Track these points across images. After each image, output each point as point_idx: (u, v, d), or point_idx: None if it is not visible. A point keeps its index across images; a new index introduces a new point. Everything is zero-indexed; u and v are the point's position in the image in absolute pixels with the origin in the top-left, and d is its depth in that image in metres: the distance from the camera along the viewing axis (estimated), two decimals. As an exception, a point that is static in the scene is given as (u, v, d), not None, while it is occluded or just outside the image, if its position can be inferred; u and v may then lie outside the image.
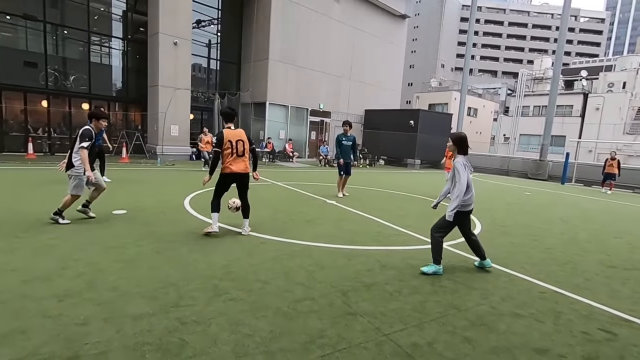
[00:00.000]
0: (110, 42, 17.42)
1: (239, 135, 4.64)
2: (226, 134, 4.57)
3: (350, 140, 8.33)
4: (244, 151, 4.64)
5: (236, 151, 4.57)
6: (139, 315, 2.59)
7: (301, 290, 3.20)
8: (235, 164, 4.59)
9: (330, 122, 21.76)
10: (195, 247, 4.16)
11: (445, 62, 66.41)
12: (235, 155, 4.58)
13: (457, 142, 3.94)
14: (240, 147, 4.60)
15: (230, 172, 4.60)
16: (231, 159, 4.57)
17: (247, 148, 4.68)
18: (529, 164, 19.43)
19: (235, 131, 4.66)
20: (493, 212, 7.80)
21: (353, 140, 8.38)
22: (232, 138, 4.58)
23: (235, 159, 4.59)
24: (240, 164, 4.62)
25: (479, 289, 3.53)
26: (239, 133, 4.66)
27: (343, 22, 21.08)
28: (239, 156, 4.61)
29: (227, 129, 4.64)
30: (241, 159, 4.62)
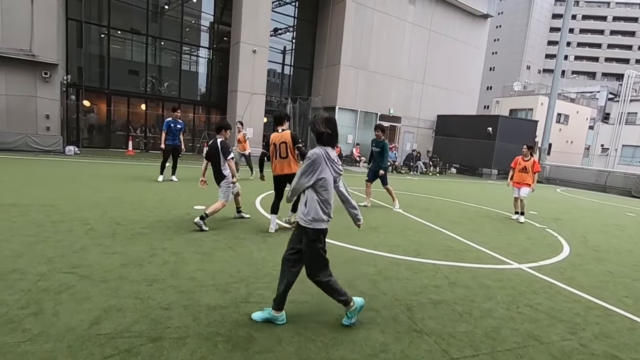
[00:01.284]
0: (198, 51, 19.21)
1: (283, 137, 4.85)
2: (272, 137, 4.93)
3: (379, 147, 7.33)
4: (287, 153, 4.85)
5: (279, 153, 4.85)
6: (213, 306, 2.79)
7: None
8: (278, 166, 4.90)
9: (400, 127, 21.25)
10: (263, 245, 4.36)
11: (532, 64, 60.59)
12: (278, 157, 4.87)
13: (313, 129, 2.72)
14: (283, 149, 4.83)
15: (275, 175, 4.96)
16: (276, 161, 4.91)
17: (290, 149, 4.86)
18: (633, 180, 16.76)
19: (280, 134, 4.89)
20: (585, 234, 6.88)
21: (382, 146, 7.32)
22: (276, 141, 4.86)
23: (279, 161, 4.88)
24: (283, 165, 4.88)
25: (565, 321, 3.13)
26: (283, 135, 4.87)
27: (418, 24, 20.48)
28: (282, 158, 4.86)
29: (275, 132, 4.98)
30: (285, 160, 4.87)
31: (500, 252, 5.05)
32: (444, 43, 21.61)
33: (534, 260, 4.79)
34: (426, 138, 22.32)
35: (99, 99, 16.41)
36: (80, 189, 6.85)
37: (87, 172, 9.09)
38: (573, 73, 64.39)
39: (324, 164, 2.55)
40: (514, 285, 3.83)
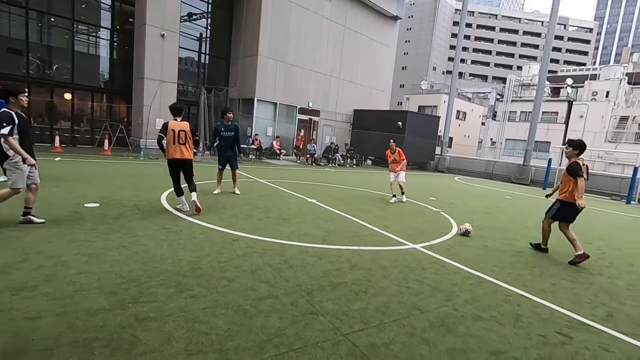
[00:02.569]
0: (98, 32, 17.06)
1: (183, 126, 5.46)
2: (171, 124, 5.39)
3: (231, 131, 7.28)
4: (186, 140, 5.46)
5: (178, 139, 5.39)
6: (94, 310, 2.54)
7: (266, 288, 3.18)
8: (178, 150, 5.42)
9: (319, 120, 21.73)
10: (164, 242, 4.10)
11: (437, 65, 66.95)
12: (177, 142, 5.39)
13: None
14: (183, 136, 5.42)
15: (171, 158, 5.45)
16: (174, 146, 5.39)
17: (189, 137, 5.49)
18: (512, 169, 19.74)
19: (180, 122, 5.47)
20: (472, 215, 7.90)
21: (235, 130, 7.32)
22: (175, 128, 5.39)
23: (178, 146, 5.41)
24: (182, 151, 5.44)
25: (444, 290, 3.56)
26: (183, 125, 5.47)
27: (334, 20, 21.06)
28: (181, 144, 5.43)
29: (174, 121, 5.44)
30: (183, 146, 5.44)
31: (400, 234, 5.52)
32: (358, 40, 22.62)
33: (427, 240, 5.34)
34: (344, 131, 23.22)
35: (-38, 80, 13.58)
36: None
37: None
38: (470, 75, 72.91)
39: None
40: (407, 264, 4.23)
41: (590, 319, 3.25)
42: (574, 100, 29.79)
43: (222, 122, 7.39)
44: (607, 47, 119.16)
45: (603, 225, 8.54)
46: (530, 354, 2.58)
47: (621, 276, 4.64)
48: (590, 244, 6.39)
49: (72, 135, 16.10)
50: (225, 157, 7.44)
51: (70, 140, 15.78)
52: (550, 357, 2.56)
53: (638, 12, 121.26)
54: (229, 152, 7.41)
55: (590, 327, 3.11)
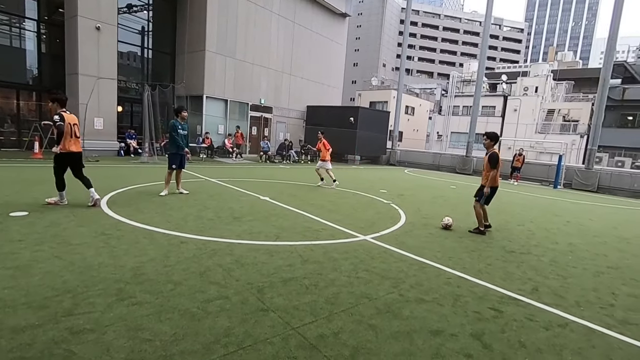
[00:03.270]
0: (23, 23, 15.40)
1: (75, 120, 5.49)
2: (67, 117, 5.31)
3: (186, 130, 7.32)
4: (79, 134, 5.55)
5: (74, 133, 5.41)
6: (21, 327, 2.34)
7: (215, 289, 3.12)
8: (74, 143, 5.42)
9: (271, 117, 21.53)
10: (104, 249, 3.86)
11: (387, 62, 69.14)
12: (74, 136, 5.41)
13: None
14: (77, 129, 5.48)
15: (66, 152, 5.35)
16: (71, 139, 5.36)
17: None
18: (456, 160, 21.03)
19: (72, 116, 5.48)
20: (420, 206, 8.31)
21: (188, 128, 7.55)
22: (70, 121, 5.36)
23: (75, 140, 5.44)
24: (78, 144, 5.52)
25: (392, 278, 3.74)
26: (74, 118, 5.50)
27: (283, 16, 20.91)
28: (77, 137, 5.50)
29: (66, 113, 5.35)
30: (78, 140, 5.52)
31: (351, 227, 5.67)
32: (309, 37, 22.68)
33: (377, 231, 5.55)
34: (298, 128, 23.23)
35: None
36: None
37: None
38: (418, 72, 76.21)
39: None
40: (357, 255, 4.37)
41: (519, 294, 3.59)
42: (509, 95, 32.30)
43: (177, 120, 7.21)
44: (536, 46, 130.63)
45: (533, 209, 9.40)
46: (466, 330, 2.80)
47: (546, 254, 5.16)
48: (523, 225, 7.03)
49: (-5, 137, 14.49)
50: (181, 157, 7.23)
51: (-8, 143, 14.19)
52: (484, 331, 2.80)
53: (561, 15, 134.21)
54: (182, 151, 7.24)
55: (519, 300, 3.44)
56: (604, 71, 15.67)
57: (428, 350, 2.47)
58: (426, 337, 2.64)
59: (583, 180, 16.15)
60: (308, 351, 2.35)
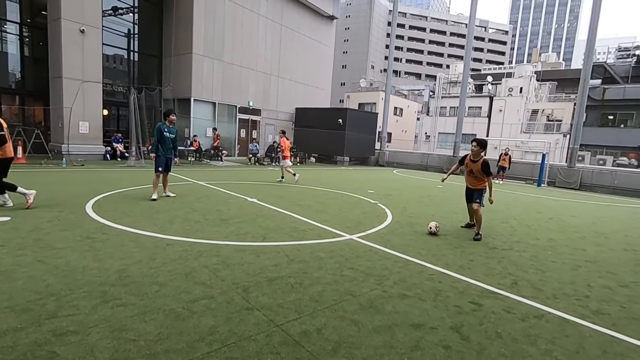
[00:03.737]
0: (3, 26, 15.14)
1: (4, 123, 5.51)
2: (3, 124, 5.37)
3: (173, 133, 7.33)
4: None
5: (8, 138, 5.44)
6: (3, 331, 2.34)
7: (200, 290, 3.15)
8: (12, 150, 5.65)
9: (260, 119, 21.52)
10: (89, 253, 3.85)
11: (375, 64, 69.67)
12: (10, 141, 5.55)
13: None
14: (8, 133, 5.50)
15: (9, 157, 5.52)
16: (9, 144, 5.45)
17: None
18: (444, 160, 21.33)
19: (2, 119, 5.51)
20: (406, 205, 8.44)
21: (176, 132, 7.50)
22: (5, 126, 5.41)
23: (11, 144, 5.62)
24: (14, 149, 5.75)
25: (376, 275, 3.81)
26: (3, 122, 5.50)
27: (271, 19, 20.96)
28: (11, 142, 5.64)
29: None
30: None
31: (338, 227, 5.75)
32: (296, 39, 22.77)
33: (363, 231, 5.63)
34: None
35: None
36: None
37: None
38: (406, 73, 77.00)
39: None
40: (343, 254, 4.44)
41: (498, 288, 3.70)
42: (494, 95, 32.91)
43: (164, 123, 7.27)
44: (521, 47, 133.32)
45: (517, 206, 9.63)
46: (446, 323, 2.88)
47: (527, 249, 5.31)
48: (507, 222, 7.20)
49: (-24, 142, 14.15)
50: (166, 160, 7.26)
51: (-27, 148, 13.86)
52: (462, 324, 2.89)
53: (544, 17, 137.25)
54: (169, 154, 7.30)
55: (498, 294, 3.55)
56: (584, 72, 16.13)
57: (408, 343, 2.55)
58: (407, 331, 2.72)
59: (566, 178, 16.56)
60: (291, 347, 2.40)
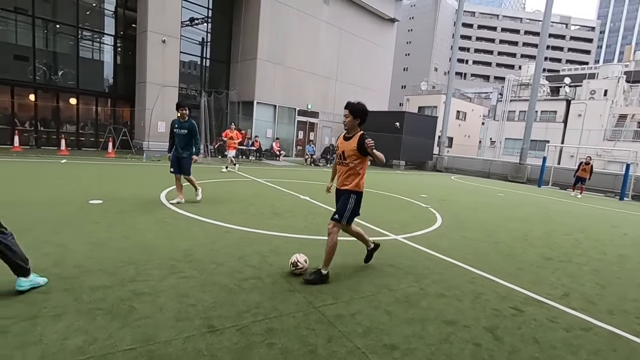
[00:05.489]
0: (102, 38, 17.58)
1: None
2: None
3: (185, 128, 6.16)
4: None
5: None
6: (97, 287, 2.91)
7: (251, 271, 3.54)
8: None
9: (317, 122, 22.11)
10: (162, 233, 4.47)
11: (439, 66, 67.18)
12: None
13: None
14: None
15: None
16: None
17: None
18: (509, 167, 19.98)
19: None
20: (459, 211, 8.21)
21: (190, 128, 6.18)
22: None
23: None
24: None
25: (416, 274, 3.90)
26: None
27: (331, 23, 21.47)
28: None
29: None
30: None
31: (384, 227, 5.85)
32: (356, 43, 23.00)
33: (409, 232, 5.68)
34: (333, 131, 23.54)
35: (-28, 87, 14.13)
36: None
37: (-42, 171, 7.95)
38: (472, 75, 73.08)
39: None
40: (385, 251, 4.55)
41: (546, 297, 3.57)
42: (572, 99, 29.93)
43: (177, 118, 6.23)
44: (611, 45, 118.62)
45: (587, 219, 8.80)
46: (481, 323, 2.91)
47: (589, 263, 4.94)
48: (571, 235, 6.69)
49: (77, 138, 16.62)
50: (178, 160, 6.26)
51: (75, 143, 16.29)
52: (498, 326, 2.89)
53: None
54: (180, 153, 6.22)
55: (544, 303, 3.43)
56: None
57: (438, 336, 2.64)
58: (438, 325, 2.81)
59: (656, 192, 14.57)
60: (325, 325, 2.65)
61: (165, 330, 2.39)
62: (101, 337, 2.25)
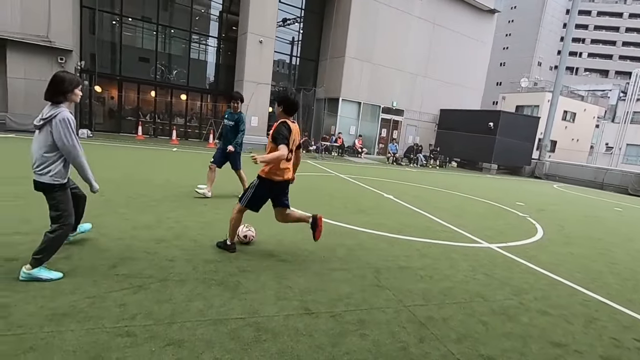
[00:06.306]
0: (207, 40, 19.63)
1: None
2: None
3: (233, 120, 5.76)
4: None
5: None
6: (210, 260, 3.33)
7: (339, 262, 3.67)
8: None
9: (402, 120, 21.56)
10: (257, 219, 4.86)
11: (543, 60, 59.89)
12: None
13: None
14: None
15: None
16: None
17: None
18: (630, 178, 16.97)
19: None
20: (563, 223, 7.30)
21: (237, 120, 5.76)
22: None
23: None
24: None
25: (514, 286, 3.61)
26: None
27: (424, 18, 20.64)
28: None
29: None
30: None
31: (476, 233, 5.51)
32: (449, 37, 21.76)
33: (505, 242, 5.25)
34: (428, 131, 22.60)
35: (110, 85, 16.99)
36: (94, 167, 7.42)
37: (100, 154, 9.69)
38: (586, 70, 63.54)
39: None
40: (478, 259, 4.31)
41: (683, 334, 3.00)
42: None
43: (228, 109, 5.93)
44: None
45: None
46: (596, 351, 2.59)
47: None
48: None
49: (185, 130, 18.87)
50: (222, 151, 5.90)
51: (183, 134, 18.52)
52: (620, 357, 2.54)
53: None
54: (226, 144, 5.86)
55: (681, 341, 2.90)
56: None
57: (543, 356, 2.43)
58: (543, 345, 2.58)
59: None
60: (417, 325, 2.63)
61: (268, 307, 2.63)
62: (216, 304, 2.58)
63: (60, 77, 2.64)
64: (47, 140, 2.59)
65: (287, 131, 3.31)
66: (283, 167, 3.40)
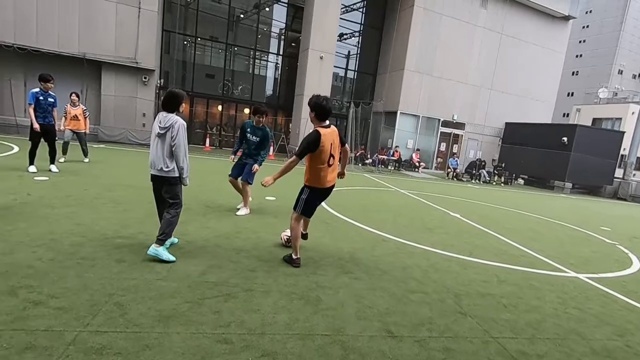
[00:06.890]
0: (268, 57, 20.65)
1: None
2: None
3: (258, 135, 5.40)
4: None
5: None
6: (289, 273, 3.43)
7: (415, 284, 3.58)
8: None
9: (463, 134, 20.68)
10: (327, 234, 4.94)
11: (625, 68, 54.05)
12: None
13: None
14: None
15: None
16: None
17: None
18: None
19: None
20: (664, 254, 6.42)
21: (263, 136, 5.41)
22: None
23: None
24: None
25: (614, 325, 3.25)
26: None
27: (489, 28, 19.79)
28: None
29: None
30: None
31: (557, 260, 5.06)
32: (517, 47, 20.57)
33: (594, 272, 4.76)
34: (492, 146, 21.39)
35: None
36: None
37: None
38: (680, 78, 56.09)
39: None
40: (567, 290, 3.95)
41: None
42: None
43: (251, 120, 5.51)
44: None
45: None
46: None
47: None
48: None
49: (246, 142, 19.82)
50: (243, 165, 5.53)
51: (244, 146, 19.47)
52: None
53: None
54: (248, 159, 5.53)
55: None
56: None
57: (665, 412, 2.14)
58: (663, 398, 2.27)
59: None
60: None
61: (350, 325, 2.64)
62: (301, 318, 2.65)
63: (177, 93, 3.43)
64: (169, 143, 3.30)
65: (312, 143, 3.45)
66: (323, 174, 3.61)
